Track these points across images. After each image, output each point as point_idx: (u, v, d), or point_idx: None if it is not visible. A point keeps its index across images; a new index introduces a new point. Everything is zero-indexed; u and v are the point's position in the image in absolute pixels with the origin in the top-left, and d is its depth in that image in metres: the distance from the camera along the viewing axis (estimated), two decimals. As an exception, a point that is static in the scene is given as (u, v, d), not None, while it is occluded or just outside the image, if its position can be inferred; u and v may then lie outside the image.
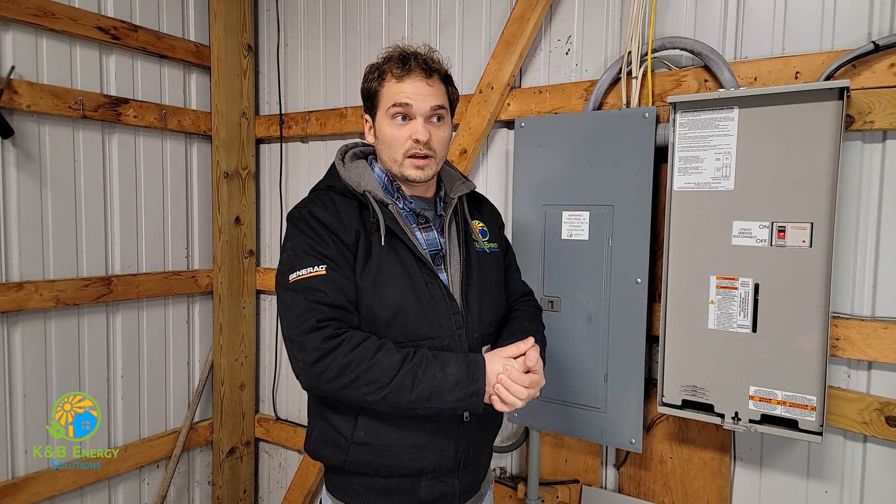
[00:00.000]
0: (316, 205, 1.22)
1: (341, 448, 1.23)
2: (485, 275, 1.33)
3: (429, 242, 1.28)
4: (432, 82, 1.23)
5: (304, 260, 1.16)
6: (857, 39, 1.56)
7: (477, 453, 1.33)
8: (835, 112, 1.42)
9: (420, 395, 1.09)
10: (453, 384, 1.10)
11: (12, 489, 2.10)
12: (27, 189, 2.14)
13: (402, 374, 1.09)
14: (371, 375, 1.09)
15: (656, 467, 1.88)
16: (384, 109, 1.23)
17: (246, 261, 2.82)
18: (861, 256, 1.58)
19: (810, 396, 1.47)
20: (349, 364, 1.09)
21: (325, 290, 1.14)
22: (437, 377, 1.10)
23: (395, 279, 1.20)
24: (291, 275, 1.16)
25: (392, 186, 1.30)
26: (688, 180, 1.61)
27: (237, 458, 2.87)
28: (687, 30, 1.79)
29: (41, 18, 2.10)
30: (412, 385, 1.09)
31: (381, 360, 1.10)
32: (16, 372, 2.14)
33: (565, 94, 1.97)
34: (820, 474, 1.67)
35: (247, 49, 2.75)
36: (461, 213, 1.34)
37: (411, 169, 1.23)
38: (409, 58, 1.21)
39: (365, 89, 1.28)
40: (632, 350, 1.77)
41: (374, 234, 1.20)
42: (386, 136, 1.24)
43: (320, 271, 1.15)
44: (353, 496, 1.27)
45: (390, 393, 1.09)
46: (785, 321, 1.50)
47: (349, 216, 1.21)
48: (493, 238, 1.41)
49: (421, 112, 1.21)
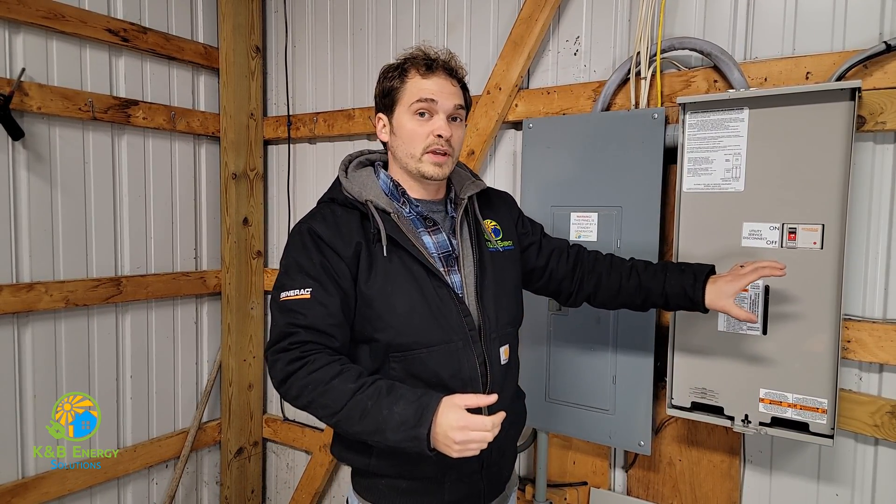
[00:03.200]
0: (316, 220, 1.24)
1: (364, 453, 1.25)
2: (500, 275, 1.32)
3: (439, 245, 1.28)
4: (454, 83, 1.26)
5: (294, 280, 1.19)
6: (869, 40, 1.54)
7: (500, 454, 1.33)
8: (846, 113, 1.41)
9: (365, 428, 1.08)
10: (398, 423, 1.05)
11: (22, 489, 2.12)
12: (37, 190, 2.16)
13: (351, 404, 1.09)
14: (324, 400, 1.10)
15: (665, 470, 1.88)
16: (406, 105, 1.24)
17: (254, 262, 2.83)
18: (873, 258, 1.57)
19: (821, 399, 1.46)
20: (306, 386, 1.11)
21: (305, 314, 1.16)
22: (383, 414, 1.06)
23: (403, 286, 1.20)
24: (282, 293, 1.19)
25: (397, 192, 1.29)
26: (697, 181, 1.61)
27: (245, 459, 2.87)
28: (696, 30, 1.78)
29: (51, 21, 2.11)
30: (359, 417, 1.08)
31: (336, 386, 1.10)
32: (26, 372, 2.16)
33: (573, 95, 1.96)
34: (831, 477, 1.65)
35: (255, 50, 2.76)
36: (472, 213, 1.34)
37: (429, 165, 1.23)
38: (434, 58, 1.25)
39: (384, 88, 1.28)
40: (640, 352, 1.76)
41: (377, 244, 1.21)
42: (406, 132, 1.24)
43: (304, 295, 1.17)
44: (378, 496, 1.29)
45: (341, 420, 1.10)
46: (796, 323, 1.49)
47: (350, 228, 1.22)
48: (508, 235, 1.40)
49: (444, 109, 1.23)
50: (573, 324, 1.86)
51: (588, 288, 1.46)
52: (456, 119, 1.27)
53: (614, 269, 1.45)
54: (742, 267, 1.33)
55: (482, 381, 1.25)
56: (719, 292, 1.31)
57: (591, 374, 1.84)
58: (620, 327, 1.79)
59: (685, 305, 1.37)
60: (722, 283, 1.31)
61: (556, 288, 1.49)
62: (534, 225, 1.51)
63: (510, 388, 1.38)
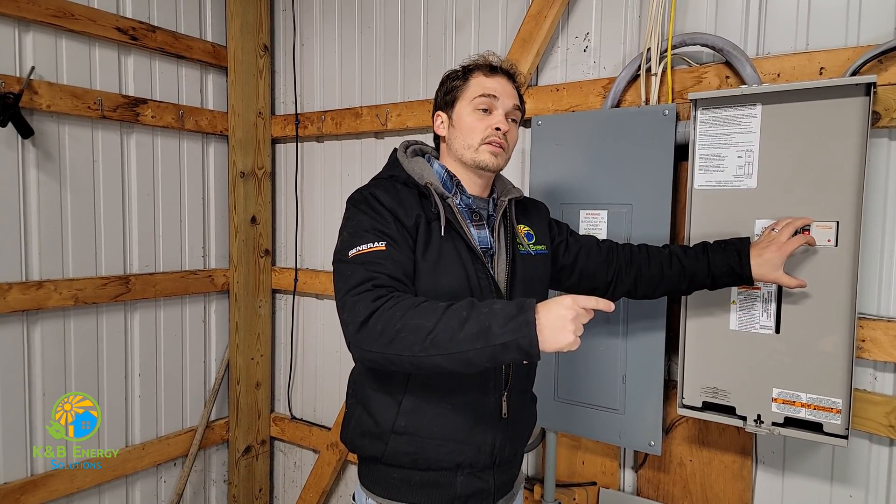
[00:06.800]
0: (379, 189, 1.25)
1: (379, 439, 1.25)
2: (529, 277, 1.34)
3: (480, 239, 1.30)
4: (514, 87, 1.34)
5: (365, 237, 1.18)
6: (884, 34, 1.52)
7: (513, 451, 1.34)
8: (861, 108, 1.39)
9: (468, 332, 1.00)
10: (503, 318, 0.99)
11: (31, 486, 2.12)
12: (47, 189, 2.16)
13: (448, 315, 1.03)
14: (416, 322, 1.03)
15: (676, 470, 1.86)
16: (468, 100, 1.29)
17: (262, 260, 2.83)
18: (888, 256, 1.54)
19: (835, 399, 1.44)
20: (393, 315, 1.05)
21: (384, 264, 1.14)
22: (483, 312, 1.01)
23: (452, 266, 1.22)
24: (352, 250, 1.16)
25: (451, 182, 1.33)
26: (709, 178, 1.59)
27: (253, 457, 2.87)
28: (708, 25, 1.76)
29: (61, 19, 2.12)
30: (458, 325, 1.01)
31: (426, 307, 1.06)
32: (35, 370, 2.16)
33: (583, 92, 1.95)
34: (844, 478, 1.63)
35: (263, 49, 2.76)
36: (509, 216, 1.37)
37: (486, 154, 1.27)
38: (497, 64, 1.33)
39: (447, 88, 1.34)
40: (651, 351, 1.74)
41: (434, 222, 1.23)
42: (465, 125, 1.29)
43: (380, 247, 1.16)
44: (389, 489, 1.28)
45: (437, 336, 1.01)
46: (809, 322, 1.47)
47: (410, 202, 1.24)
48: (541, 240, 1.42)
49: (504, 106, 1.29)
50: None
51: (627, 282, 1.47)
52: (513, 120, 1.32)
53: (653, 258, 1.47)
54: (775, 231, 1.40)
55: (504, 375, 1.28)
56: (767, 264, 1.36)
57: (600, 373, 1.82)
58: (630, 326, 1.77)
59: (732, 282, 1.42)
60: (769, 254, 1.36)
61: (590, 284, 1.49)
62: (560, 225, 1.53)
63: (527, 388, 1.41)
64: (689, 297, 1.62)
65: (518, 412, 1.33)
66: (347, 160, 2.66)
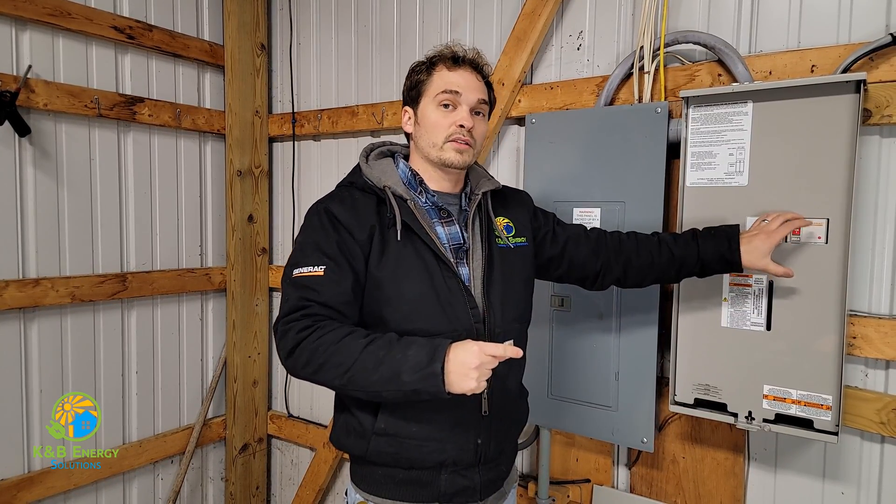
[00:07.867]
0: (334, 201, 1.26)
1: (363, 438, 1.26)
2: (508, 270, 1.33)
3: (451, 237, 1.29)
4: (479, 79, 1.30)
5: (308, 258, 1.20)
6: (875, 32, 1.52)
7: (499, 449, 1.33)
8: (852, 106, 1.39)
9: (381, 375, 1.07)
10: (413, 365, 1.05)
11: (28, 483, 2.13)
12: (44, 187, 2.17)
13: (364, 356, 1.08)
14: (336, 359, 1.09)
15: (668, 467, 1.86)
16: (431, 96, 1.28)
17: (259, 258, 2.84)
18: (878, 253, 1.55)
19: (826, 396, 1.45)
20: (317, 349, 1.11)
21: (317, 290, 1.17)
22: (397, 359, 1.07)
23: (413, 272, 1.22)
24: (295, 270, 1.21)
25: (415, 181, 1.32)
26: (700, 176, 1.59)
27: (250, 455, 2.88)
28: (700, 24, 1.76)
29: (57, 18, 2.13)
30: (373, 366, 1.07)
31: (347, 343, 1.10)
32: (32, 367, 2.17)
33: (577, 90, 1.95)
34: (836, 475, 1.63)
35: (260, 48, 2.77)
36: (485, 209, 1.35)
37: (451, 152, 1.26)
38: (461, 54, 1.29)
39: (412, 82, 1.33)
40: (643, 348, 1.75)
41: (392, 228, 1.23)
42: (429, 122, 1.28)
43: (318, 272, 1.18)
44: (375, 486, 1.29)
45: (355, 375, 1.08)
46: (800, 319, 1.47)
47: (366, 211, 1.24)
48: (522, 232, 1.41)
49: (468, 101, 1.27)
50: (575, 320, 1.85)
51: (616, 271, 1.46)
52: (479, 113, 1.30)
53: (642, 246, 1.46)
54: (765, 222, 1.40)
55: None
56: (756, 251, 1.36)
57: (593, 370, 1.83)
58: (623, 323, 1.78)
59: (722, 269, 1.42)
60: (758, 242, 1.37)
61: (580, 274, 1.49)
62: (546, 215, 1.51)
63: (513, 383, 1.39)
64: (681, 295, 1.63)
65: (501, 409, 1.32)
66: (344, 159, 2.66)
